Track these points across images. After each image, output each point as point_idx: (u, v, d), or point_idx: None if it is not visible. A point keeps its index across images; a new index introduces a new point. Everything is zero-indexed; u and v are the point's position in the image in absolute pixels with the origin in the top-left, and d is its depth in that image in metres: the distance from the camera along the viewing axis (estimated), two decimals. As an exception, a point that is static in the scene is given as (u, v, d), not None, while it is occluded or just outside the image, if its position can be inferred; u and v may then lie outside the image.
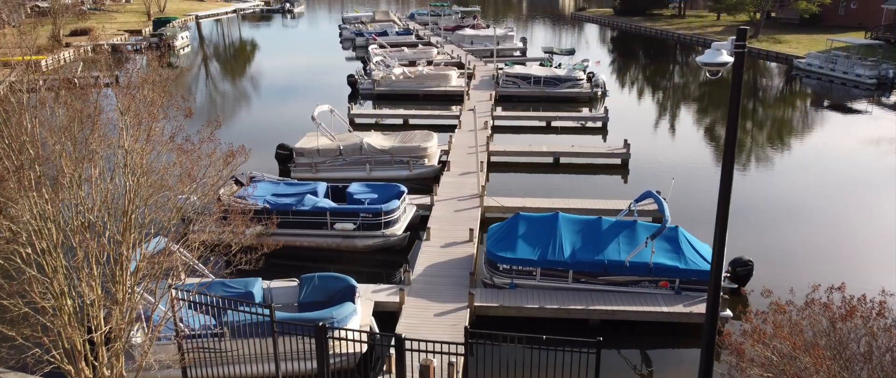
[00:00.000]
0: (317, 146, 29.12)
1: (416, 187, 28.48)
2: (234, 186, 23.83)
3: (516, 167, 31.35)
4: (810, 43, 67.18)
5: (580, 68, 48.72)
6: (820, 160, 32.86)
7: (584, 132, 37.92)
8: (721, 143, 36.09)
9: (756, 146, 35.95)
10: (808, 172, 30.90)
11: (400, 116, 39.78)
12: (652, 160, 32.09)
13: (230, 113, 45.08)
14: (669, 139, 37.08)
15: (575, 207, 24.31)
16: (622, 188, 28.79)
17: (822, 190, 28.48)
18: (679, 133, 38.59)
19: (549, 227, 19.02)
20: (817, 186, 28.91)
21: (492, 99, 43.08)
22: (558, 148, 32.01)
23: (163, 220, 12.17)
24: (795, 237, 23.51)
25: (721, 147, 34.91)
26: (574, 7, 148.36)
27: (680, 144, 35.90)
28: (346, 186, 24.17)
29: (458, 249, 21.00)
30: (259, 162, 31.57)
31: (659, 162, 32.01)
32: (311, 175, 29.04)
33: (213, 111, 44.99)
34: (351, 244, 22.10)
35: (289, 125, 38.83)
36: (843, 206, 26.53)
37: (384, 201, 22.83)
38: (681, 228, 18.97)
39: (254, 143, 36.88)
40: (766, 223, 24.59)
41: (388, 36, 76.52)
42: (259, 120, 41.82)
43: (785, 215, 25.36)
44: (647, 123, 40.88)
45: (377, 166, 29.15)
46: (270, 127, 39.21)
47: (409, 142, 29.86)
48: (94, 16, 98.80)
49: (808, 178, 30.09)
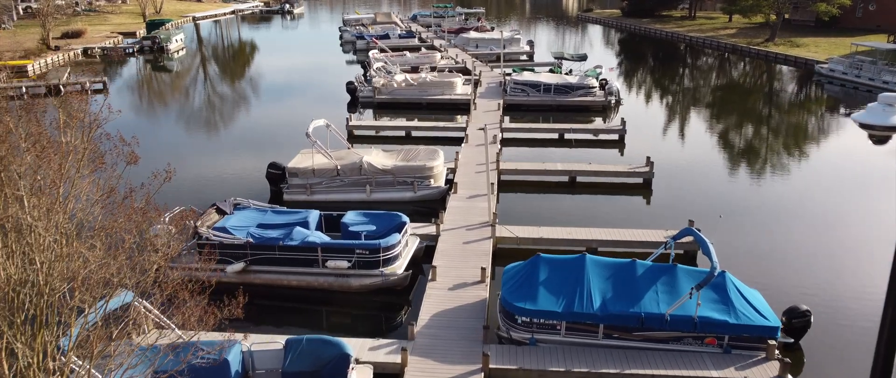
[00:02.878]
0: (311, 166, 26.52)
1: (421, 210, 25.97)
2: (214, 216, 21.21)
3: (529, 186, 28.71)
4: (829, 47, 64.44)
5: (592, 75, 46.06)
6: (862, 175, 30.09)
7: (599, 145, 35.27)
8: (758, 162, 33.39)
9: (781, 157, 33.25)
10: (844, 186, 28.18)
11: (402, 129, 37.15)
12: (677, 180, 29.39)
13: (221, 123, 42.47)
14: (694, 155, 34.09)
15: (598, 239, 21.70)
16: (647, 213, 26.10)
17: (864, 206, 25.79)
18: (704, 148, 35.49)
19: (574, 272, 16.38)
20: (858, 202, 26.22)
21: (499, 108, 40.44)
22: (574, 166, 29.35)
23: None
24: (850, 266, 20.84)
25: (758, 168, 32.23)
26: (577, 7, 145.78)
27: (706, 161, 32.82)
28: (340, 215, 21.55)
29: (468, 292, 18.37)
30: (248, 183, 29.06)
31: (685, 182, 29.33)
32: (306, 198, 26.47)
33: (207, 117, 42.48)
34: (345, 284, 19.48)
35: (283, 138, 36.26)
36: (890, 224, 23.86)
37: (383, 234, 20.22)
38: (728, 274, 16.33)
39: (244, 160, 34.82)
40: (814, 247, 21.96)
41: (390, 39, 73.92)
42: (251, 132, 39.17)
43: (834, 239, 22.72)
44: (667, 136, 38.22)
45: (378, 188, 26.55)
46: (263, 140, 36.62)
47: (413, 160, 27.25)
48: (87, 17, 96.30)
49: (847, 192, 27.39)
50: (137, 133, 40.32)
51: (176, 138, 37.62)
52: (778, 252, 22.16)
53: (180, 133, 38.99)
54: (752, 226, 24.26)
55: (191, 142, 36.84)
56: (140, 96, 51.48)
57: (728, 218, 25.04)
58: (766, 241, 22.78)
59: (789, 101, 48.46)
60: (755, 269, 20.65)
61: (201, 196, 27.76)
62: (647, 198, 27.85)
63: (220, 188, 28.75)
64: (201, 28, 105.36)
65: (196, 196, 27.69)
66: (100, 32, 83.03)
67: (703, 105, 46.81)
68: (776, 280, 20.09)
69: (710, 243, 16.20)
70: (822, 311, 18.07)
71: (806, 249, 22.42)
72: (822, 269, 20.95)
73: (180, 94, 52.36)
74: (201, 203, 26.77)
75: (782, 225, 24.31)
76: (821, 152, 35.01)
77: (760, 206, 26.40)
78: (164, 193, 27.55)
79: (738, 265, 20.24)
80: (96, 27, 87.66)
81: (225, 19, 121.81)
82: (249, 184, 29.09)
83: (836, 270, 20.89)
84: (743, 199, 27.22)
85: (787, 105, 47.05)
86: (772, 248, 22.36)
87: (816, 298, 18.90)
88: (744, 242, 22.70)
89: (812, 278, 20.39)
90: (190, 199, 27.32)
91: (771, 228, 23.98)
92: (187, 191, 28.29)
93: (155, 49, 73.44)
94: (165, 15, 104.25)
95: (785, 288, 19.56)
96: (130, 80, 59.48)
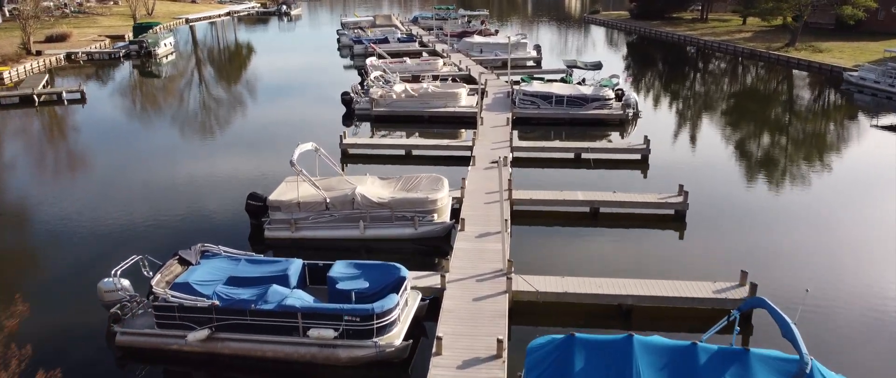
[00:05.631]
0: (296, 198, 23.01)
1: (423, 249, 22.57)
2: (176, 268, 17.72)
3: (545, 219, 25.20)
4: (855, 52, 60.92)
5: (608, 85, 42.56)
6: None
7: (619, 165, 31.75)
8: (811, 187, 29.59)
9: (844, 185, 29.66)
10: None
11: (401, 147, 33.61)
12: (716, 214, 25.74)
13: (201, 141, 38.93)
14: (731, 180, 30.01)
15: (634, 295, 18.22)
16: (687, 257, 22.34)
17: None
18: (742, 172, 31.36)
19: (620, 359, 12.83)
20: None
21: (508, 123, 36.94)
22: (596, 195, 25.81)
23: None
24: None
25: (815, 196, 28.21)
26: (581, 8, 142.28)
27: (748, 190, 28.59)
28: (327, 266, 18.06)
29: (480, 373, 14.88)
30: (227, 216, 25.57)
31: (726, 217, 25.68)
32: (290, 235, 23.00)
33: (187, 133, 38.95)
34: (332, 356, 15.99)
35: (270, 158, 32.82)
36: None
37: (378, 292, 16.75)
38: (816, 363, 12.81)
39: (224, 185, 29.91)
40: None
41: (389, 43, 70.46)
42: (235, 150, 35.57)
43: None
44: (696, 157, 34.21)
45: (373, 223, 23.06)
46: (247, 160, 33.12)
47: (414, 191, 23.77)
48: (76, 19, 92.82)
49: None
50: (109, 149, 36.33)
51: (149, 157, 34.05)
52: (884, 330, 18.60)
53: (155, 150, 35.39)
54: (838, 298, 19.78)
55: (165, 162, 33.23)
56: (119, 107, 47.91)
57: (788, 260, 21.52)
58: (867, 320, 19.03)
59: (829, 115, 44.52)
60: (853, 353, 17.10)
61: (169, 230, 24.32)
62: (681, 233, 24.34)
63: (193, 221, 25.28)
64: (195, 30, 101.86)
65: (163, 231, 24.25)
66: (86, 36, 79.53)
67: (730, 120, 42.79)
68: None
69: (792, 324, 12.71)
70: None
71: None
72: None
73: (162, 106, 48.80)
74: (169, 238, 23.39)
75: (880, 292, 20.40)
76: (855, 165, 31.39)
77: (849, 264, 22.68)
78: (124, 232, 24.08)
79: (826, 349, 16.67)
80: (84, 30, 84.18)
81: (221, 21, 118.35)
82: (228, 216, 25.61)
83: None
84: (811, 245, 23.62)
85: (829, 120, 42.77)
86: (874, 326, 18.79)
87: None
88: (835, 321, 19.04)
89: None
90: (156, 235, 23.97)
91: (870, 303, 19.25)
92: (154, 225, 24.83)
93: (142, 54, 69.96)
94: (158, 17, 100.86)
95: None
96: (112, 88, 55.84)
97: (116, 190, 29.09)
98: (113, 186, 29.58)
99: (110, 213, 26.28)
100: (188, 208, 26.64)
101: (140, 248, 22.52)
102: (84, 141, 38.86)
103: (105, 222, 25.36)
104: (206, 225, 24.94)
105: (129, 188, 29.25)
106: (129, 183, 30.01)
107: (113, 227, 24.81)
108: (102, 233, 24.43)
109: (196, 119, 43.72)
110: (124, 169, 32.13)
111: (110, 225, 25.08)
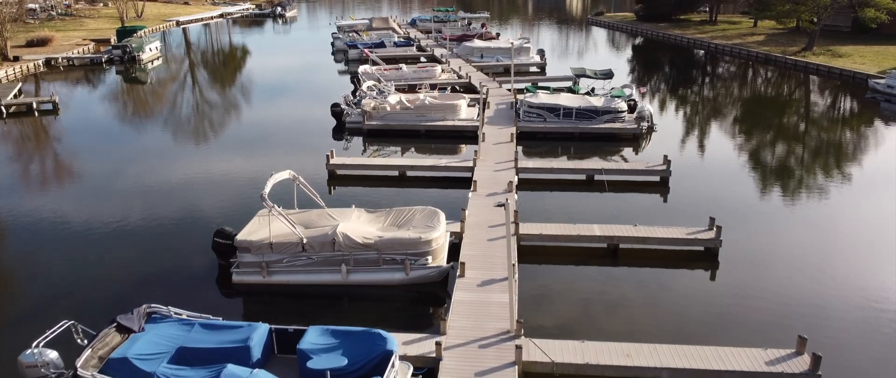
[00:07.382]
0: (268, 238, 19.81)
1: (415, 297, 19.42)
2: (114, 337, 14.50)
3: (557, 255, 21.98)
4: (877, 57, 57.73)
5: (620, 96, 39.37)
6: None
7: (637, 188, 28.57)
8: (864, 215, 26.11)
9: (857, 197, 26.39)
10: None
11: (395, 168, 30.34)
12: (749, 252, 22.51)
13: (175, 162, 35.51)
14: (765, 213, 26.06)
15: (668, 368, 15.00)
16: (722, 309, 19.15)
17: None
18: (776, 201, 27.48)
19: None
20: None
21: (512, 139, 33.72)
22: (615, 229, 22.55)
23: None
24: None
25: (873, 230, 24.24)
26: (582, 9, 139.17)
27: (784, 222, 25.36)
28: (298, 333, 14.87)
29: None
30: (190, 253, 22.29)
31: (761, 252, 22.52)
32: (261, 279, 19.82)
33: (161, 150, 35.67)
34: (300, 456, 12.82)
35: (246, 183, 29.60)
36: None
37: (358, 370, 13.56)
38: None
39: (190, 218, 25.01)
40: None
41: (386, 47, 67.38)
42: (210, 173, 32.17)
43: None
44: (722, 180, 30.03)
45: (358, 267, 19.86)
46: (220, 187, 29.82)
47: (406, 227, 20.59)
48: (62, 22, 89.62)
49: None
50: (73, 166, 31.63)
51: (112, 178, 30.65)
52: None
53: (121, 171, 31.84)
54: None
55: (128, 185, 29.78)
56: (93, 118, 44.57)
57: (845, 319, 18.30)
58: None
59: (864, 132, 39.52)
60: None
61: (121, 274, 20.97)
62: (713, 273, 21.11)
63: (151, 261, 21.99)
64: (187, 33, 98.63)
65: (113, 276, 20.87)
66: (70, 39, 76.31)
67: (754, 137, 37.80)
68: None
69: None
70: None
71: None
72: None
73: (139, 118, 45.33)
74: (119, 286, 20.18)
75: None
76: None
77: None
78: (64, 280, 20.47)
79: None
80: (68, 33, 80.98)
81: (214, 23, 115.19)
82: (193, 254, 22.38)
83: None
84: (878, 293, 20.40)
85: (867, 138, 37.89)
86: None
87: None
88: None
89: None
90: (103, 282, 20.67)
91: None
92: (101, 270, 21.40)
93: (125, 59, 66.75)
94: (147, 19, 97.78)
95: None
96: (88, 97, 52.42)
97: (60, 226, 25.18)
98: (57, 221, 25.66)
99: (49, 257, 22.43)
100: (147, 245, 23.36)
101: (80, 301, 19.40)
102: (46, 157, 35.49)
103: (40, 271, 21.49)
104: (166, 264, 21.72)
105: (77, 222, 25.41)
106: (78, 215, 26.01)
107: (51, 277, 21.00)
108: (34, 286, 20.47)
109: (173, 134, 40.27)
110: (79, 196, 28.49)
111: (47, 273, 21.27)
